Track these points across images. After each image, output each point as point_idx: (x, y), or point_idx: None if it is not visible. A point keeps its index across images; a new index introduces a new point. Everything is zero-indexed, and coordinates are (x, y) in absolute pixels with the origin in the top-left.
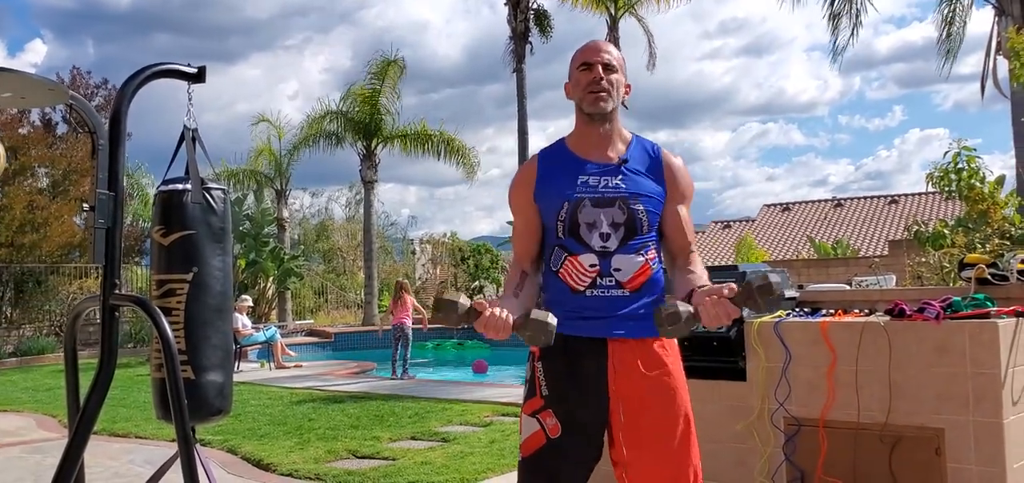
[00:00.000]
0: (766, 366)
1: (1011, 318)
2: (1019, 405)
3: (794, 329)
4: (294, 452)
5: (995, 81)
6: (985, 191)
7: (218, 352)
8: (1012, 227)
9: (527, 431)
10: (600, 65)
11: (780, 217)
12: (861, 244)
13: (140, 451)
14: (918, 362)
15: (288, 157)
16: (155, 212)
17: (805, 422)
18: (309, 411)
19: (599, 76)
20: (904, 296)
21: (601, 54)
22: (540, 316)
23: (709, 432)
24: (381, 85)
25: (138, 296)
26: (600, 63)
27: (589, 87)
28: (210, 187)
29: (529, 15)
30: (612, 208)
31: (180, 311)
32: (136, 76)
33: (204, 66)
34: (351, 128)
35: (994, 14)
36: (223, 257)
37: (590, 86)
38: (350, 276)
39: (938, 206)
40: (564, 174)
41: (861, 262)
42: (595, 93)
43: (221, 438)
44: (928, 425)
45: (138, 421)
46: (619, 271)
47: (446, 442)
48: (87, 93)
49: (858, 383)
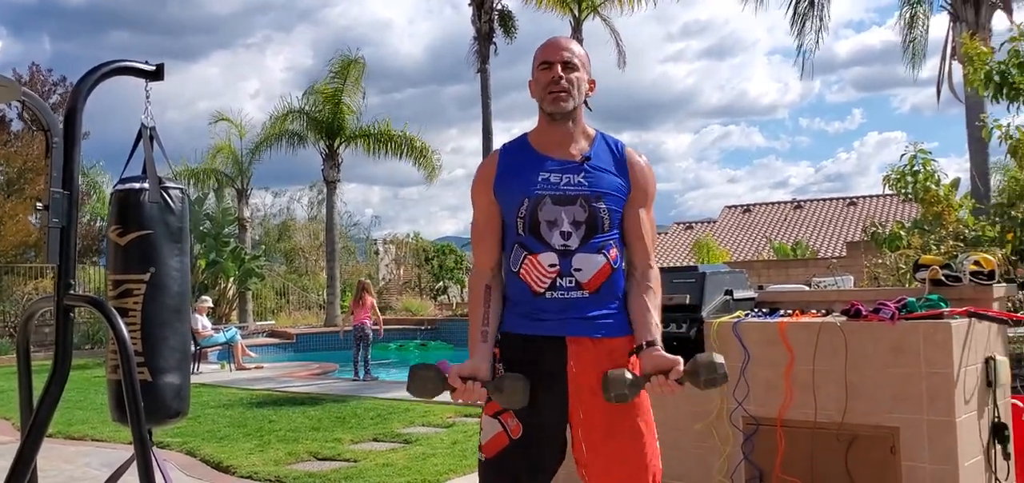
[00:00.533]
0: None
1: (963, 319)
2: (971, 404)
3: (752, 329)
4: (254, 454)
5: (950, 85)
6: (940, 194)
7: (176, 353)
8: (966, 229)
9: (488, 432)
10: (560, 64)
11: (741, 218)
12: (820, 245)
13: (96, 454)
14: (874, 362)
15: (250, 156)
16: (111, 211)
17: (763, 421)
18: (269, 413)
19: (558, 75)
20: (860, 297)
21: (561, 52)
22: (511, 382)
23: (669, 432)
24: (343, 84)
25: (93, 296)
26: (560, 61)
27: (548, 87)
28: (168, 186)
29: (493, 16)
30: (573, 206)
31: (137, 312)
32: (92, 74)
33: (162, 64)
34: (314, 127)
35: (949, 20)
36: (181, 257)
37: (549, 86)
38: (312, 276)
39: (895, 208)
40: (525, 170)
41: (820, 263)
42: (554, 93)
43: (180, 440)
44: (883, 424)
45: (95, 423)
46: (579, 271)
47: (408, 443)
48: (44, 90)
49: (815, 383)
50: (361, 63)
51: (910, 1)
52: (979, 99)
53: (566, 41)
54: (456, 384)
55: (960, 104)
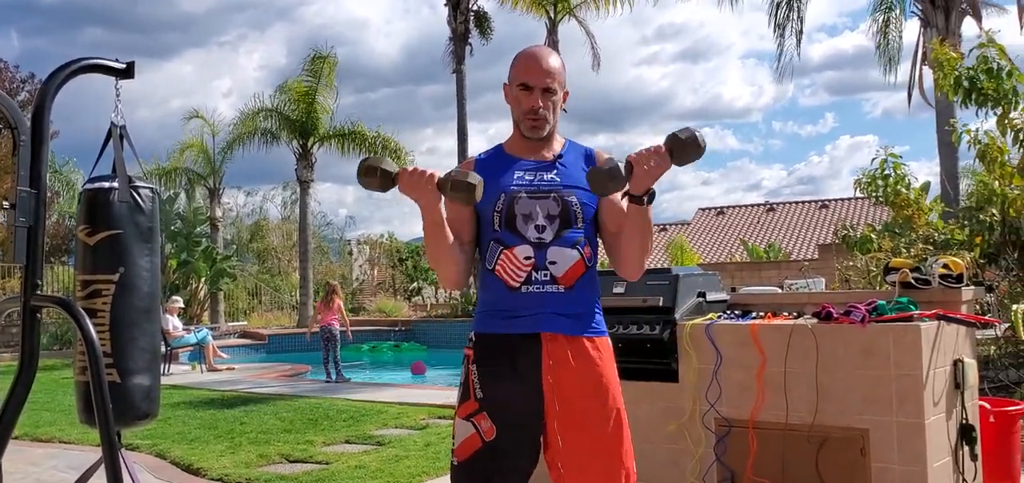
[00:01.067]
0: (698, 368)
1: (933, 321)
2: (940, 406)
3: (725, 331)
4: (225, 456)
5: (921, 90)
6: (911, 197)
7: (145, 355)
8: (936, 232)
9: (462, 435)
10: (540, 90)
11: (715, 221)
12: (792, 248)
13: (64, 456)
14: (844, 364)
15: (222, 155)
16: (80, 211)
17: (735, 423)
18: (241, 414)
19: (537, 106)
20: (831, 299)
21: (543, 78)
22: (462, 174)
23: (642, 433)
24: (317, 82)
25: (60, 297)
26: (540, 88)
27: (527, 115)
28: (138, 185)
29: (469, 16)
30: (547, 200)
31: (106, 312)
32: (60, 71)
33: (132, 62)
34: (287, 126)
35: (920, 26)
36: (151, 257)
37: (529, 114)
38: (285, 277)
39: (866, 211)
40: (501, 171)
41: (792, 265)
42: (533, 122)
43: (150, 442)
44: (854, 426)
45: (62, 425)
46: (554, 264)
47: (381, 445)
48: (13, 87)
49: (787, 385)
50: (333, 60)
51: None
52: (949, 104)
53: (546, 59)
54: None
55: (930, 109)
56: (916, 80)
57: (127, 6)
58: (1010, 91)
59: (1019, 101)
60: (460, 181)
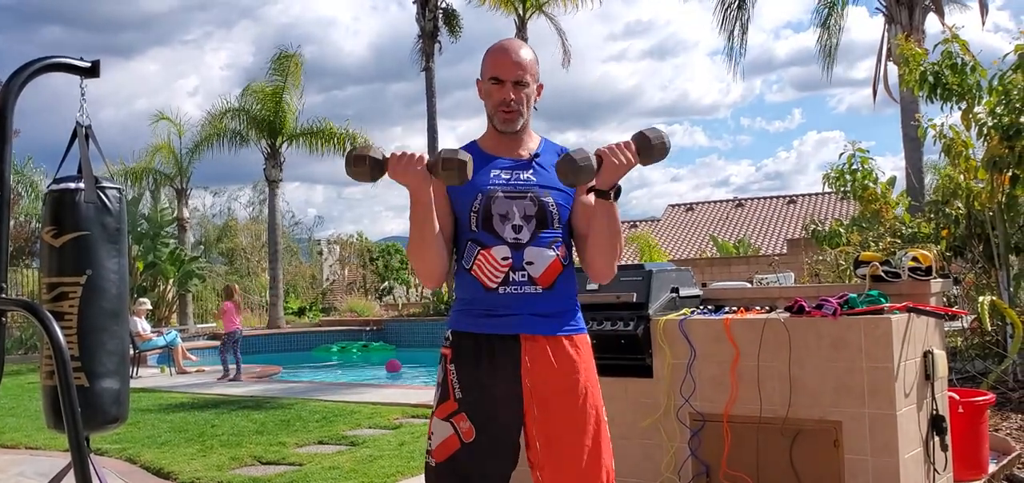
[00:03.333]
0: (672, 363)
1: (903, 314)
2: (911, 397)
3: (698, 326)
4: (196, 459)
5: (886, 86)
6: (878, 192)
7: (114, 358)
8: (903, 226)
9: (440, 436)
10: (512, 83)
11: (684, 217)
12: (762, 243)
13: (31, 463)
14: (817, 357)
15: (189, 155)
16: (46, 212)
17: (709, 417)
18: (212, 417)
19: (509, 98)
20: (803, 293)
21: (514, 70)
22: (451, 152)
23: (617, 428)
24: (284, 82)
25: (25, 300)
26: (511, 80)
27: (500, 106)
28: (104, 186)
29: (438, 14)
30: (524, 200)
31: (73, 315)
32: (23, 70)
33: (98, 60)
34: (254, 126)
35: (884, 22)
36: (119, 259)
37: (500, 106)
38: (254, 277)
39: (834, 206)
40: (478, 168)
41: (762, 260)
42: (506, 114)
43: (119, 447)
44: (826, 418)
45: (29, 431)
46: (531, 265)
47: (354, 446)
48: None
49: (760, 378)
50: (298, 59)
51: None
52: (914, 99)
53: (518, 52)
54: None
55: (895, 104)
56: (881, 76)
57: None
58: (974, 86)
59: (982, 96)
60: (451, 159)
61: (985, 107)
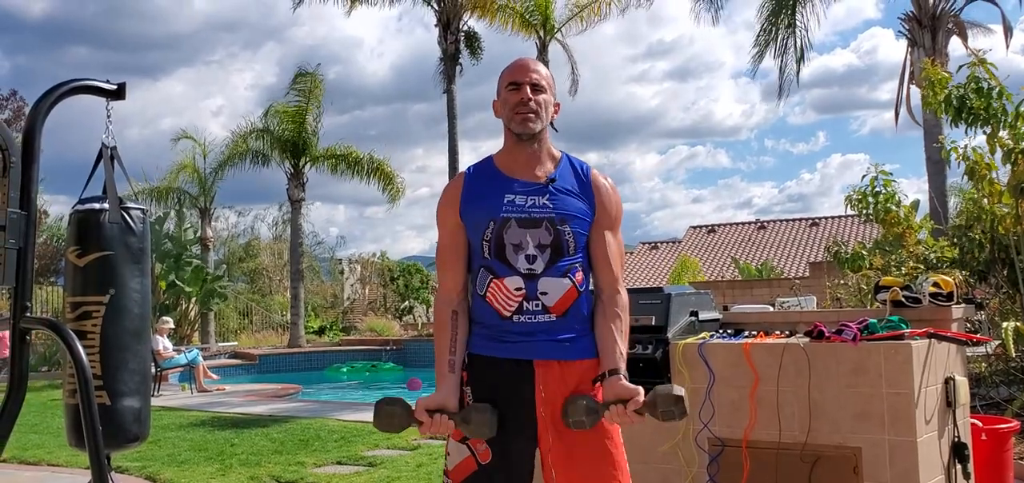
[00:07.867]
0: (691, 387)
1: (923, 339)
2: (931, 424)
3: (718, 350)
4: (215, 478)
5: (909, 109)
6: (900, 215)
7: (136, 377)
8: (926, 250)
9: (457, 457)
10: (528, 85)
11: (706, 239)
12: (784, 265)
13: (53, 480)
14: (836, 382)
15: (213, 175)
16: (70, 232)
17: (728, 442)
18: (231, 436)
19: (527, 97)
20: (823, 317)
21: (529, 74)
22: (478, 414)
23: (635, 453)
24: (307, 102)
25: (50, 319)
26: (528, 83)
27: (517, 108)
28: (128, 207)
29: (460, 37)
30: (538, 229)
31: (96, 334)
32: (52, 92)
33: (123, 83)
34: (278, 146)
35: (907, 45)
36: (142, 279)
37: (518, 107)
38: (276, 297)
39: (857, 229)
40: (491, 193)
41: (783, 283)
42: (523, 114)
43: (139, 465)
44: (846, 444)
45: (51, 448)
46: (545, 295)
47: (372, 466)
48: None
49: (779, 403)
50: (317, 77)
51: None
52: (937, 122)
53: (533, 63)
54: (422, 417)
55: (918, 127)
56: (904, 99)
57: (113, 25)
58: (999, 110)
59: (1008, 120)
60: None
61: (1010, 133)
